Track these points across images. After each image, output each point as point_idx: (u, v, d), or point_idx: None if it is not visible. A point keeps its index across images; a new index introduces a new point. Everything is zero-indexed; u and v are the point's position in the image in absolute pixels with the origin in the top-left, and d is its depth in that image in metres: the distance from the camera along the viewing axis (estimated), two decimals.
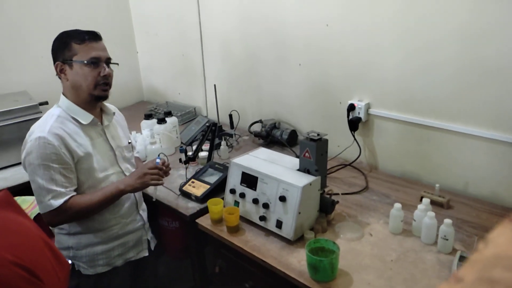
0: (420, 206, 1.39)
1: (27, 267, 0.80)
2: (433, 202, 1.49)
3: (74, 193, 1.38)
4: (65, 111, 1.42)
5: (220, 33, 2.45)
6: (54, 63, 1.40)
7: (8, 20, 2.40)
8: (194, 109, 2.75)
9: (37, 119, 1.47)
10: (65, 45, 1.38)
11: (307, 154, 1.43)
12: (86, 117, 1.43)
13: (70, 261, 1.47)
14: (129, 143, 1.64)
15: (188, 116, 2.69)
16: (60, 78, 1.43)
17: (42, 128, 1.35)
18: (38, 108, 2.10)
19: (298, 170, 1.47)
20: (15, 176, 1.93)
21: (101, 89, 1.42)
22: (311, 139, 1.42)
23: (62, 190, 1.35)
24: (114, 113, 1.58)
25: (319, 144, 1.42)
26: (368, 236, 1.41)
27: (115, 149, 1.52)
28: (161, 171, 1.49)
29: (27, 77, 2.50)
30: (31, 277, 0.82)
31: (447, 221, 1.28)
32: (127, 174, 1.54)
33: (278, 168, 1.48)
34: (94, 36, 1.40)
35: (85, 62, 1.37)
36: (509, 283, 0.32)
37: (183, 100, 2.90)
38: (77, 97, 1.42)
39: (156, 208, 1.90)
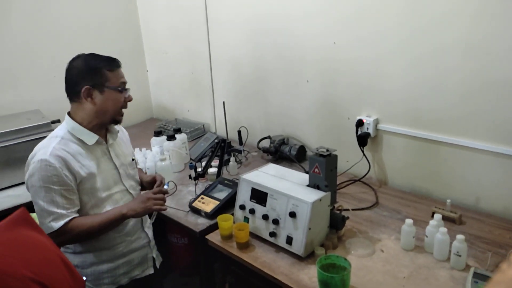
0: (432, 222, 1.38)
1: (44, 284, 0.81)
2: (444, 218, 1.48)
3: (76, 215, 1.38)
4: (69, 132, 1.42)
5: (228, 51, 2.48)
6: (78, 86, 1.38)
7: (21, 39, 2.47)
8: (203, 125, 2.78)
9: None
10: (96, 71, 1.39)
11: (316, 169, 1.44)
12: (91, 138, 1.44)
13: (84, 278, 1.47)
14: (133, 159, 1.64)
15: (197, 132, 2.72)
16: (78, 101, 1.41)
17: (44, 151, 1.36)
18: (51, 126, 2.13)
19: (308, 185, 1.47)
20: (28, 193, 1.95)
21: (121, 114, 1.48)
22: (321, 155, 1.43)
23: (63, 212, 1.35)
24: (118, 131, 1.59)
25: (329, 159, 1.42)
26: (379, 252, 1.40)
27: (119, 167, 1.53)
28: (165, 195, 1.53)
29: (40, 96, 2.56)
30: None
31: (460, 237, 1.27)
32: (132, 191, 1.56)
33: (288, 184, 1.48)
34: (119, 63, 1.46)
35: (119, 88, 1.43)
36: None
37: (192, 117, 2.93)
38: (94, 120, 1.42)
39: (165, 225, 1.91)
